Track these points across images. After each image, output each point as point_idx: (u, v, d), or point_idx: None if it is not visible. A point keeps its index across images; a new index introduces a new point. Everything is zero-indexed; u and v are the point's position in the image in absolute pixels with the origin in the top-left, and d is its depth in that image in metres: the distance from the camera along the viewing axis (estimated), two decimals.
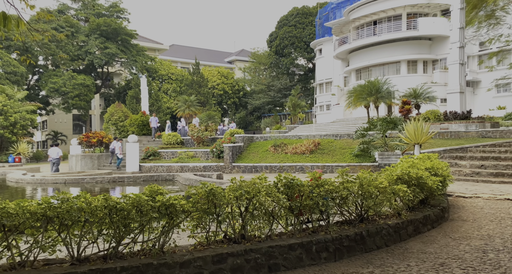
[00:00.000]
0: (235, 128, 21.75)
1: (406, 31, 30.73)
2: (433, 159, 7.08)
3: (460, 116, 16.55)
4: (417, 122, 9.10)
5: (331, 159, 15.13)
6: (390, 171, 5.73)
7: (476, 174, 10.79)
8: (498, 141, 13.40)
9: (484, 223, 5.96)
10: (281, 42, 45.66)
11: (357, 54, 34.16)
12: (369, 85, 19.23)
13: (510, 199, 7.85)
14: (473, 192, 8.57)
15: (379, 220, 5.21)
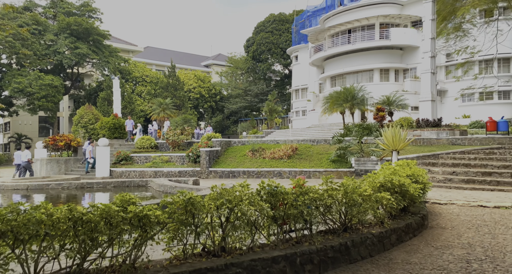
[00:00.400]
0: (212, 133, 21.33)
1: (379, 41, 31.66)
2: (412, 165, 7.09)
3: (432, 124, 17.10)
4: (395, 129, 9.19)
5: (309, 164, 15.10)
6: (372, 177, 5.64)
7: (449, 180, 11.05)
8: (467, 148, 13.88)
9: (463, 230, 5.98)
10: (258, 47, 45.80)
11: (332, 61, 34.79)
12: (345, 91, 19.52)
13: (483, 205, 8.01)
14: (447, 199, 8.71)
15: (363, 229, 5.08)
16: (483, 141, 14.74)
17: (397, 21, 32.59)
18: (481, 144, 14.67)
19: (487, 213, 7.35)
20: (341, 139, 14.95)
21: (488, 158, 12.30)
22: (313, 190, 4.54)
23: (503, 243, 5.20)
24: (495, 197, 8.83)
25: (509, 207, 7.78)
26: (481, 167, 11.65)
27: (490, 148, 13.56)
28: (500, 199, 8.54)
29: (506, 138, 14.48)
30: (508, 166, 11.16)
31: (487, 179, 10.41)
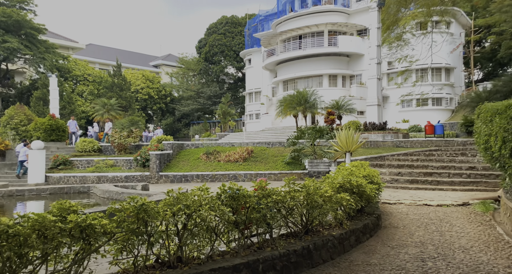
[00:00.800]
0: (162, 135, 20.38)
1: (327, 47, 32.96)
2: (365, 166, 7.27)
3: (378, 127, 18.11)
4: (348, 131, 9.45)
5: (264, 166, 15.05)
6: (331, 178, 5.62)
7: (395, 181, 11.65)
8: (409, 150, 14.83)
9: (414, 229, 6.21)
10: (210, 49, 45.23)
11: (284, 66, 35.48)
12: (298, 95, 19.94)
13: (427, 204, 8.49)
14: (396, 198, 9.11)
15: (323, 231, 5.01)
16: (423, 143, 15.90)
17: (344, 29, 34.23)
18: (421, 146, 15.80)
19: (432, 211, 7.78)
20: (296, 141, 15.14)
21: (428, 159, 13.24)
22: (276, 192, 4.35)
23: (450, 240, 5.46)
24: (437, 196, 9.44)
25: (450, 205, 8.33)
26: (422, 167, 12.46)
27: (429, 150, 14.63)
28: (441, 198, 9.14)
29: (442, 141, 15.76)
30: (445, 166, 12.08)
31: (428, 179, 11.14)
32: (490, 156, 6.54)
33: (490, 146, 6.33)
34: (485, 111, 7.00)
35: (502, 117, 5.40)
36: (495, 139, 5.83)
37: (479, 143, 7.20)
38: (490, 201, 8.31)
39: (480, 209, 7.78)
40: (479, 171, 11.32)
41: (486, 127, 6.50)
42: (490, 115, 6.45)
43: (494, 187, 10.25)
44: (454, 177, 11.23)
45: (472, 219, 6.98)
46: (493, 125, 6.06)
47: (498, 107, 6.01)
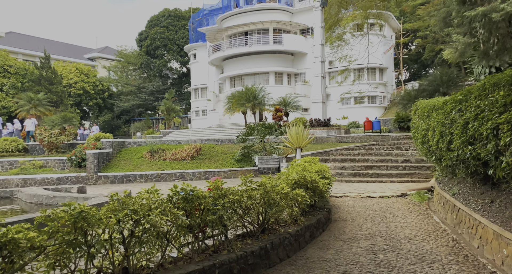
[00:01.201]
0: (99, 132, 18.85)
1: (273, 45, 33.39)
2: (316, 162, 7.37)
3: (323, 124, 18.80)
4: (298, 127, 9.55)
5: (213, 164, 14.68)
6: (286, 175, 5.55)
7: (340, 175, 12.13)
8: (351, 145, 15.60)
9: (362, 221, 6.44)
10: (152, 42, 43.14)
11: (231, 62, 35.18)
12: (247, 91, 19.85)
13: (370, 196, 8.93)
14: (342, 192, 9.45)
15: (279, 229, 4.92)
16: (363, 138, 16.86)
17: (288, 27, 34.96)
18: (361, 141, 16.73)
19: (376, 203, 8.19)
20: (245, 138, 15.02)
21: (368, 153, 14.03)
22: (233, 192, 4.13)
23: (396, 231, 5.74)
24: (378, 188, 10.00)
25: (390, 196, 8.85)
26: (363, 161, 13.17)
27: (368, 145, 15.53)
28: (382, 190, 9.70)
29: (379, 136, 16.87)
30: (384, 160, 12.91)
31: (369, 172, 11.79)
32: (427, 150, 7.04)
33: (427, 140, 6.80)
34: (422, 108, 7.51)
35: (440, 113, 5.81)
36: (432, 133, 6.26)
37: (417, 137, 7.72)
38: (424, 191, 9.00)
39: (416, 199, 8.37)
40: (413, 163, 12.28)
41: (423, 122, 6.97)
42: (427, 111, 6.93)
43: (426, 178, 11.18)
44: (392, 169, 12.03)
45: (411, 209, 7.47)
46: (431, 121, 6.50)
47: (435, 104, 6.47)
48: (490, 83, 4.13)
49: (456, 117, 4.98)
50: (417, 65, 47.07)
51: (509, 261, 3.87)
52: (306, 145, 9.92)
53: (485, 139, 4.07)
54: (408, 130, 21.73)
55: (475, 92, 4.47)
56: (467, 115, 4.57)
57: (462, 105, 4.82)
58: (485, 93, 4.19)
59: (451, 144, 5.36)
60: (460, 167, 5.27)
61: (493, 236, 4.34)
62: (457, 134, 4.87)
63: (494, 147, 3.87)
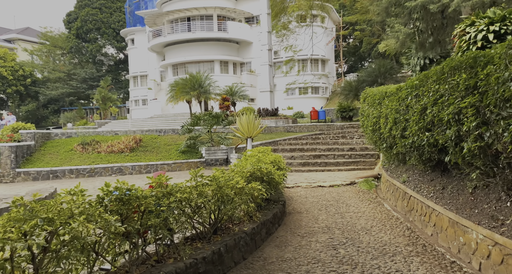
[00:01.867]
0: (16, 122, 16.36)
1: (217, 32, 32.35)
2: (269, 152, 6.97)
3: (271, 113, 18.61)
4: (249, 116, 9.07)
5: (156, 156, 13.59)
6: (239, 167, 5.04)
7: (289, 165, 11.98)
8: (299, 135, 15.62)
9: (316, 213, 6.21)
10: (83, 24, 39.18)
11: (173, 48, 33.41)
12: (192, 79, 18.74)
13: (321, 185, 8.85)
14: (293, 182, 9.25)
15: (234, 227, 4.41)
16: (310, 128, 17.02)
17: (233, 15, 34.13)
18: (308, 131, 16.87)
19: (327, 193, 8.09)
20: (191, 128, 14.13)
21: (315, 142, 14.13)
22: (180, 189, 3.50)
23: (352, 221, 5.58)
24: (327, 177, 10.00)
25: (340, 185, 8.85)
26: (312, 150, 13.21)
27: (315, 134, 15.69)
28: (332, 178, 9.71)
29: (325, 125, 17.18)
30: (331, 148, 13.07)
31: (318, 161, 11.82)
32: (377, 137, 7.03)
33: (379, 127, 6.78)
34: (372, 95, 7.49)
35: (393, 99, 5.74)
36: (385, 120, 6.21)
37: (367, 125, 7.72)
38: (371, 179, 9.17)
39: (365, 187, 8.46)
40: (358, 151, 12.60)
41: (375, 110, 6.94)
42: (378, 98, 6.89)
43: (370, 165, 11.51)
44: (339, 158, 12.21)
45: (362, 197, 7.47)
46: (382, 108, 6.45)
47: (387, 90, 6.41)
48: (449, 66, 4.01)
49: (413, 103, 4.87)
50: (355, 58, 49.52)
51: (466, 249, 3.84)
52: (258, 134, 9.52)
53: (445, 124, 3.95)
54: (351, 119, 22.59)
55: (433, 77, 4.35)
56: (425, 100, 4.45)
57: (419, 90, 4.71)
58: (445, 77, 4.07)
59: (406, 131, 5.29)
60: (414, 154, 5.22)
61: (448, 224, 4.32)
62: (413, 120, 4.76)
63: (455, 132, 3.76)
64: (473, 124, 3.33)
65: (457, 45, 8.08)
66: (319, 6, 22.74)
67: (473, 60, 3.57)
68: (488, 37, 7.40)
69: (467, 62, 3.66)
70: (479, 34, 7.58)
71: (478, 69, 3.44)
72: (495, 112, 3.11)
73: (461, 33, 8.24)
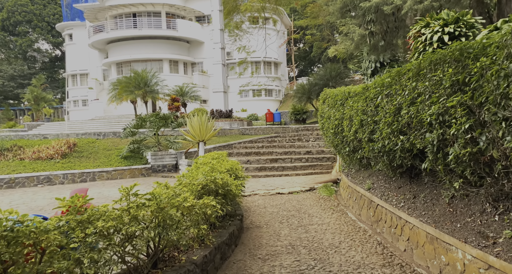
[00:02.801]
0: None
1: (166, 30, 30.78)
2: (224, 157, 6.16)
3: (225, 115, 17.71)
4: (201, 117, 8.16)
5: (93, 163, 12.00)
6: (189, 178, 4.16)
7: (245, 169, 11.23)
8: (254, 137, 14.98)
9: (277, 227, 5.51)
10: (10, 16, 35.01)
11: (117, 46, 31.10)
12: (137, 77, 17.13)
13: (280, 192, 8.22)
14: (250, 189, 8.51)
15: (180, 256, 3.52)
16: (265, 130, 16.46)
17: (183, 13, 32.78)
18: (264, 133, 16.31)
19: (287, 201, 7.47)
20: (135, 130, 12.75)
21: (272, 145, 13.58)
22: (105, 213, 2.55)
23: (317, 236, 4.96)
24: (285, 183, 9.42)
25: (299, 192, 8.30)
26: (268, 154, 12.61)
27: (271, 137, 15.16)
28: (290, 184, 9.14)
29: (280, 128, 16.75)
30: (287, 152, 12.58)
31: (275, 165, 11.23)
32: (339, 141, 6.56)
33: (341, 130, 6.30)
34: (333, 96, 7.03)
35: (358, 100, 5.26)
36: (349, 122, 5.73)
37: (328, 128, 7.24)
38: (330, 184, 8.75)
39: (325, 193, 7.99)
40: (314, 154, 12.26)
41: (337, 111, 6.46)
42: (341, 99, 6.43)
43: (327, 169, 11.19)
44: (296, 161, 11.74)
45: (323, 205, 6.95)
46: (346, 109, 5.97)
47: (351, 90, 5.95)
48: (428, 61, 3.54)
49: (384, 104, 4.38)
50: (306, 62, 50.58)
51: (450, 271, 3.35)
52: (211, 137, 8.64)
53: (426, 127, 3.46)
54: (304, 122, 22.55)
55: (408, 73, 3.87)
56: (399, 100, 3.97)
57: (391, 89, 4.23)
58: (423, 73, 3.60)
59: (374, 134, 4.81)
60: (383, 159, 4.75)
61: (426, 239, 3.85)
62: (385, 122, 4.27)
63: (439, 136, 3.27)
64: (465, 127, 2.84)
65: (413, 47, 7.98)
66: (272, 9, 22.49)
67: (459, 52, 3.10)
68: (443, 39, 7.38)
69: (452, 55, 3.19)
70: (434, 35, 7.53)
71: (468, 62, 2.97)
72: (492, 112, 2.63)
73: (416, 34, 8.16)
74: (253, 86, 31.99)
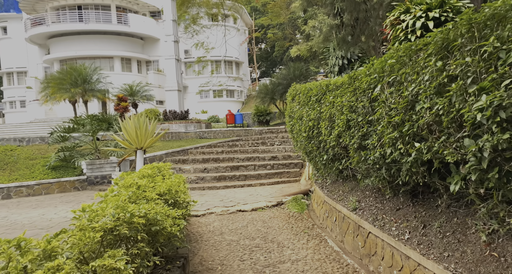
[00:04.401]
0: None
1: (117, 25, 28.21)
2: (165, 170, 4.56)
3: (180, 116, 15.84)
4: (139, 119, 6.47)
5: (9, 176, 9.70)
6: (92, 215, 2.53)
7: (201, 179, 9.63)
8: (213, 141, 13.37)
9: (237, 268, 4.02)
10: None
11: (61, 41, 27.98)
12: (73, 72, 14.61)
13: (241, 210, 6.74)
14: (205, 206, 6.95)
15: None
16: (225, 133, 14.90)
17: (135, 7, 30.34)
18: (224, 137, 14.74)
19: (250, 222, 6.00)
20: (66, 135, 10.60)
21: (233, 150, 12.06)
22: None
23: None
24: (248, 195, 7.96)
25: (265, 208, 6.89)
26: (229, 160, 11.09)
27: (232, 140, 13.65)
28: (254, 198, 7.69)
29: (242, 130, 15.27)
30: (250, 158, 11.14)
31: (236, 174, 9.73)
32: (315, 146, 5.21)
33: (317, 133, 4.96)
34: (305, 91, 5.68)
35: (345, 93, 3.92)
36: (328, 124, 4.39)
37: (299, 130, 5.88)
38: (300, 197, 7.42)
39: (295, 209, 6.64)
40: (280, 160, 10.93)
41: (311, 110, 5.10)
42: (316, 94, 5.08)
43: (295, 177, 9.91)
44: (260, 169, 10.33)
45: (295, 227, 5.57)
46: (323, 107, 4.63)
47: (331, 82, 4.62)
48: (466, 25, 2.24)
49: (385, 97, 3.05)
50: (268, 63, 49.71)
51: None
52: (153, 144, 6.93)
53: (469, 128, 2.15)
54: (268, 124, 21.29)
55: (429, 48, 2.55)
56: (415, 89, 2.64)
57: (399, 74, 2.90)
58: (458, 46, 2.29)
59: (367, 139, 3.48)
60: (380, 172, 3.43)
61: None
62: (388, 123, 2.94)
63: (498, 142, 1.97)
64: None
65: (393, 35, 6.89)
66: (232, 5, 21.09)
67: None
68: (427, 25, 6.35)
69: None
70: (417, 21, 6.48)
71: None
72: None
73: (395, 21, 7.06)
74: (214, 87, 30.31)
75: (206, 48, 21.60)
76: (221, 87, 32.54)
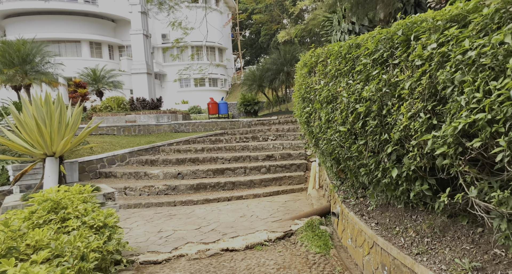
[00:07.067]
0: None
1: (84, 4, 24.92)
2: (89, 200, 2.02)
3: (150, 106, 13.10)
4: (49, 100, 3.84)
5: None
6: None
7: (173, 190, 7.10)
8: (192, 136, 10.81)
9: None
10: None
11: (19, 21, 24.49)
12: (6, 48, 11.35)
13: (230, 249, 4.26)
14: (170, 243, 4.44)
15: None
16: (207, 125, 12.31)
17: None
18: (205, 130, 12.17)
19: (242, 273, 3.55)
20: None
21: (216, 148, 9.53)
22: None
23: None
24: (238, 217, 5.50)
25: (266, 243, 4.43)
26: (211, 161, 8.57)
27: (215, 134, 11.13)
28: (247, 222, 5.24)
29: (228, 122, 12.71)
30: (239, 157, 8.65)
31: (221, 181, 7.23)
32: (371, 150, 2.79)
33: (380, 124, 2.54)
34: (344, 52, 3.21)
35: None
36: (422, 105, 1.98)
37: (329, 121, 3.43)
38: (317, 221, 5.01)
39: (314, 245, 4.22)
40: (278, 160, 8.50)
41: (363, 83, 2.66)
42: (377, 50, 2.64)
43: (299, 183, 7.52)
44: (252, 173, 7.87)
45: None
46: (409, 70, 2.19)
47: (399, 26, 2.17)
48: None
49: None
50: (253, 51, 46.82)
51: None
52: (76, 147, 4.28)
53: None
54: (256, 115, 18.82)
55: None
56: None
57: None
58: None
59: None
60: None
61: None
62: None
63: None
64: None
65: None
66: None
67: None
68: None
69: None
70: None
71: None
72: None
73: None
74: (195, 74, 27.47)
75: (185, 28, 18.79)
76: (203, 75, 29.68)
